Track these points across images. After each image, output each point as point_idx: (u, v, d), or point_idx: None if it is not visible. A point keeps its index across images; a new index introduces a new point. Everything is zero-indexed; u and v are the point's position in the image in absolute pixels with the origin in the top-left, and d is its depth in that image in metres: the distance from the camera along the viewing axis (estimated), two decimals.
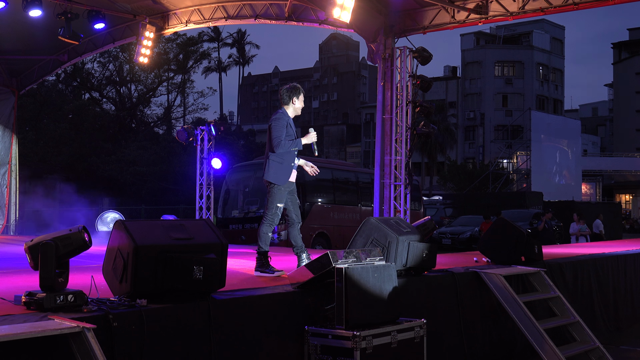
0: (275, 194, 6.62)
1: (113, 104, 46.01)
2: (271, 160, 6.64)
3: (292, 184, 6.78)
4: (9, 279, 6.26)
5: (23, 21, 13.34)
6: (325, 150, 69.26)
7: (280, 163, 6.62)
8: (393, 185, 12.24)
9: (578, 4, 10.70)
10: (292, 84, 6.87)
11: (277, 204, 6.62)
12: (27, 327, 3.62)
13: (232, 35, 72.00)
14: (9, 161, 17.20)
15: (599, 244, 14.71)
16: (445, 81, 63.92)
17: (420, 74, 12.32)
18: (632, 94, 64.20)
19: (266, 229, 6.61)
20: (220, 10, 14.18)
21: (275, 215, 6.63)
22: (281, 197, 6.64)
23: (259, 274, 6.49)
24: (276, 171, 6.62)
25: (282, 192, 6.64)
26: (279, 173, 6.63)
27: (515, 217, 23.34)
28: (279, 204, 6.62)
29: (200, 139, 16.49)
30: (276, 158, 6.62)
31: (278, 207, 6.63)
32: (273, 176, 6.63)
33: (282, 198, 6.64)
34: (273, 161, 6.63)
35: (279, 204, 6.62)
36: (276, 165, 6.62)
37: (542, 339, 6.61)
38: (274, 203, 6.61)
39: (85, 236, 4.22)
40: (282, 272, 6.47)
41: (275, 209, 6.61)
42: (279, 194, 6.62)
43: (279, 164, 6.62)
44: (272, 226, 6.65)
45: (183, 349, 4.43)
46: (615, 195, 57.03)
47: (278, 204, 6.62)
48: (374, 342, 5.01)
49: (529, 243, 8.24)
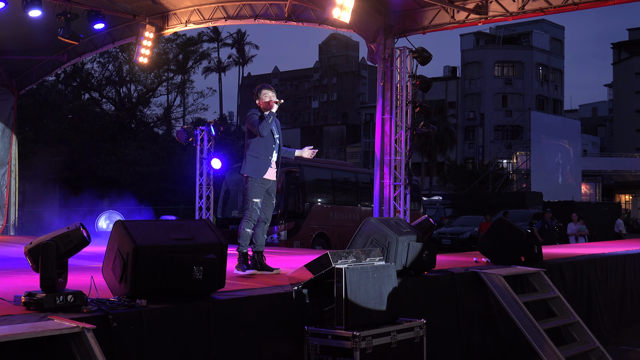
0: (250, 188, 6.70)
1: (113, 104, 45.99)
2: (247, 155, 6.77)
3: (270, 181, 6.82)
4: (9, 279, 6.26)
5: (23, 21, 13.32)
6: (325, 150, 69.27)
7: (256, 157, 6.74)
8: (393, 185, 12.25)
9: (578, 4, 10.69)
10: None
11: (254, 199, 6.67)
12: (26, 327, 3.61)
13: (232, 36, 72.08)
14: (8, 161, 17.19)
15: (599, 244, 14.70)
16: (445, 81, 63.93)
17: (420, 74, 12.33)
18: (632, 94, 64.21)
19: (244, 225, 6.66)
20: (220, 11, 14.18)
21: (253, 212, 6.68)
22: (257, 191, 6.70)
23: (235, 272, 6.55)
24: (252, 165, 6.73)
25: (257, 187, 6.70)
26: (255, 167, 6.72)
27: (515, 217, 23.36)
28: (254, 199, 6.68)
29: (200, 139, 16.50)
30: (252, 153, 6.75)
31: (254, 202, 6.67)
32: (248, 169, 6.73)
33: (258, 193, 6.70)
34: (249, 156, 6.76)
35: (254, 199, 6.68)
36: (252, 160, 6.74)
37: (542, 339, 6.61)
38: (250, 198, 6.69)
39: (83, 232, 4.21)
40: (254, 272, 6.50)
41: (251, 204, 6.67)
42: (254, 189, 6.69)
43: (255, 158, 6.74)
44: (251, 222, 6.68)
45: (183, 349, 4.43)
46: (615, 196, 57.03)
47: (254, 199, 6.68)
48: (374, 343, 5.00)
49: (528, 243, 8.25)
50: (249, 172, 6.73)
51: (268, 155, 6.78)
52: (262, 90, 6.90)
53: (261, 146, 6.77)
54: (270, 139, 6.81)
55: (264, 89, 6.91)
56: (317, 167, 19.37)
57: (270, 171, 6.80)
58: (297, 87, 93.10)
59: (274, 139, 6.85)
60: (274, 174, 6.87)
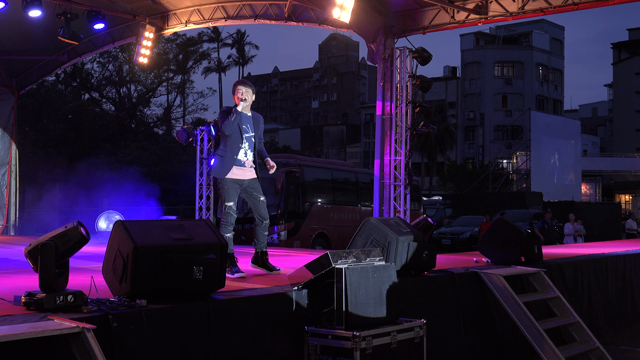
0: (221, 190, 6.51)
1: (113, 104, 46.00)
2: (215, 155, 6.64)
3: (244, 180, 6.60)
4: (9, 279, 6.26)
5: (23, 21, 13.32)
6: (325, 150, 69.26)
7: (222, 157, 6.57)
8: (393, 185, 12.24)
9: (578, 4, 10.70)
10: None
11: (226, 203, 6.45)
12: (26, 327, 3.62)
13: (232, 36, 71.94)
14: (8, 161, 17.19)
15: (599, 244, 14.69)
16: (445, 81, 63.93)
17: (419, 74, 12.32)
18: (632, 94, 64.16)
19: (222, 230, 6.37)
20: (220, 11, 14.18)
21: (228, 215, 6.44)
22: (228, 194, 6.47)
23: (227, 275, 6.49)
24: (217, 165, 6.57)
25: (228, 190, 6.49)
26: (220, 166, 6.55)
27: (515, 217, 23.36)
28: (227, 202, 6.45)
29: (200, 139, 16.48)
30: (219, 152, 6.61)
31: (227, 205, 6.43)
32: (214, 169, 6.62)
33: (230, 195, 6.48)
34: (217, 155, 6.62)
35: (227, 202, 6.45)
36: (218, 159, 6.58)
37: (542, 339, 6.61)
38: (223, 201, 6.48)
39: (82, 230, 4.20)
40: (243, 274, 6.29)
41: (225, 207, 6.44)
42: (224, 191, 6.48)
43: (221, 157, 6.56)
44: (228, 226, 6.44)
45: (183, 349, 4.43)
46: (615, 196, 56.96)
47: (226, 202, 6.45)
48: (374, 343, 5.00)
49: (528, 243, 8.25)
50: (213, 172, 6.62)
51: (233, 154, 6.51)
52: (237, 86, 6.66)
53: (227, 145, 6.55)
54: (237, 137, 6.53)
55: (239, 84, 6.68)
56: (317, 167, 19.38)
57: (240, 170, 6.55)
58: (297, 87, 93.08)
59: (241, 137, 6.55)
60: (247, 173, 6.61)
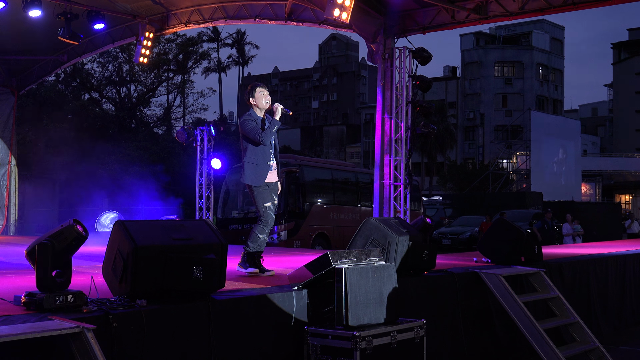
0: (257, 195, 6.57)
1: (113, 105, 45.98)
2: (246, 163, 6.60)
3: (272, 183, 6.68)
4: (9, 279, 6.25)
5: (23, 21, 13.32)
6: (325, 150, 69.21)
7: (255, 164, 6.56)
8: (393, 185, 12.25)
9: (578, 4, 10.69)
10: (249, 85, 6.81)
11: (264, 204, 6.55)
12: (27, 327, 3.62)
13: (232, 36, 71.95)
14: (8, 161, 17.20)
15: (599, 244, 14.69)
16: (444, 81, 63.94)
17: (419, 74, 12.32)
18: (632, 94, 64.18)
19: (258, 230, 6.52)
20: (220, 11, 14.18)
21: (269, 217, 6.55)
22: (264, 196, 6.56)
23: (238, 269, 6.52)
24: (251, 172, 6.58)
25: (263, 192, 6.57)
26: (255, 174, 6.57)
27: (515, 217, 23.35)
28: (265, 203, 6.55)
29: (200, 139, 16.50)
30: (251, 160, 6.58)
31: (266, 207, 6.54)
32: (249, 178, 6.59)
33: (266, 197, 6.57)
34: (248, 163, 6.59)
35: (265, 203, 6.55)
36: (251, 167, 6.57)
37: (542, 339, 6.61)
38: (261, 204, 6.55)
39: (78, 228, 4.19)
40: (256, 271, 6.41)
41: (264, 209, 6.54)
42: (261, 195, 6.56)
43: (255, 165, 6.56)
44: (267, 228, 6.55)
45: (183, 349, 4.43)
46: (615, 196, 56.95)
47: (265, 204, 6.55)
48: (374, 343, 5.01)
49: (528, 243, 8.25)
50: (250, 181, 6.59)
51: (266, 160, 6.58)
52: (257, 88, 6.60)
53: (258, 152, 6.57)
54: (268, 144, 6.60)
55: (259, 87, 6.62)
56: (317, 167, 19.39)
57: (270, 174, 6.65)
58: (297, 87, 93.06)
59: (271, 144, 6.63)
60: (274, 176, 6.73)
